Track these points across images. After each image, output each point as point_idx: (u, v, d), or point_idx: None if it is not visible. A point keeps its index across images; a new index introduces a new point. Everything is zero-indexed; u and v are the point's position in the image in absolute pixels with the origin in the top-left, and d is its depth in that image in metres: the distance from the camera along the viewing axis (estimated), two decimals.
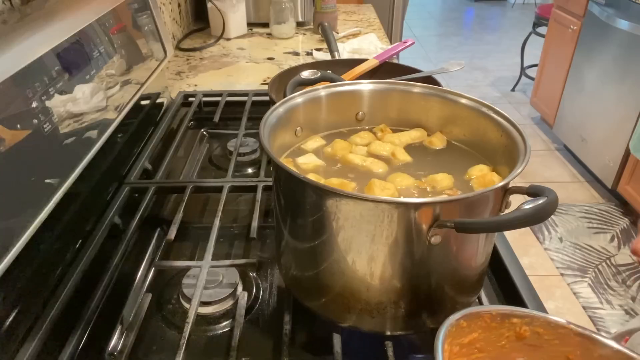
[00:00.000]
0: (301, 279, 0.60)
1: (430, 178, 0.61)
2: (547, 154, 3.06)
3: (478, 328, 0.46)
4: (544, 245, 2.32)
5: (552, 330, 0.46)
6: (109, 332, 0.61)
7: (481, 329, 0.46)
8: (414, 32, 5.26)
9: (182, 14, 1.72)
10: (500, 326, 0.47)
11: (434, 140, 0.69)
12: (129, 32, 0.91)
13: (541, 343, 0.47)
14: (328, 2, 1.65)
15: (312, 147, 0.68)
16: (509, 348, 0.47)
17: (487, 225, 0.48)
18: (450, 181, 0.60)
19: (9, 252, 0.52)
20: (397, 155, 0.65)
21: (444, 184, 0.60)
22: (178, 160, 0.98)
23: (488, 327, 0.46)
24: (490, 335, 0.47)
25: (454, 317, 0.45)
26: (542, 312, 0.47)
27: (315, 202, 0.51)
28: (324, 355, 0.59)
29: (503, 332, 0.47)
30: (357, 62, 1.03)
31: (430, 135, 0.70)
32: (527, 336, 0.47)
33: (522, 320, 0.46)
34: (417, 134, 0.70)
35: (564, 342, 0.46)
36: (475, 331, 0.46)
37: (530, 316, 0.47)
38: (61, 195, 0.62)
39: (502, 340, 0.47)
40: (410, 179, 0.61)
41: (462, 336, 0.46)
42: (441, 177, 0.60)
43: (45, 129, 0.60)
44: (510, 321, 0.46)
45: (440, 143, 0.69)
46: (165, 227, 0.80)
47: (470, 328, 0.46)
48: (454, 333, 0.45)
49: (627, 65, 2.40)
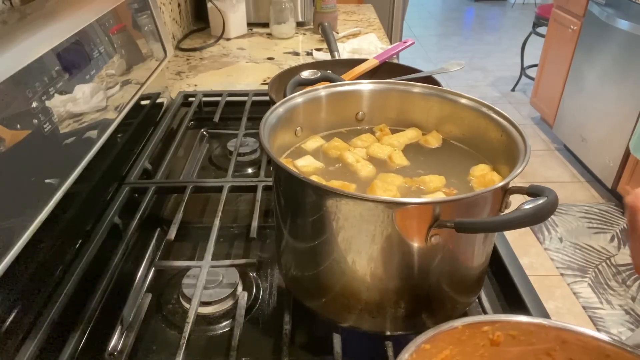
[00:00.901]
0: (301, 279, 0.60)
1: (420, 179, 0.61)
2: (547, 154, 3.06)
3: (448, 345, 0.45)
4: (544, 245, 2.32)
5: (525, 330, 0.46)
6: (109, 332, 0.61)
7: (452, 344, 0.45)
8: (414, 32, 5.26)
9: (182, 14, 1.72)
10: (473, 337, 0.46)
11: (429, 139, 0.69)
12: (129, 32, 0.91)
13: (518, 345, 0.46)
14: (328, 2, 1.65)
15: (312, 147, 0.68)
16: (488, 357, 0.47)
17: (487, 225, 0.48)
18: (441, 182, 0.60)
19: (9, 252, 0.52)
20: (394, 159, 0.65)
21: (434, 185, 0.60)
22: (178, 160, 0.98)
23: (459, 341, 0.45)
24: (465, 348, 0.46)
25: (413, 343, 0.43)
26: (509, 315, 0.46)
27: (315, 202, 0.51)
28: (324, 355, 0.59)
29: (477, 342, 0.46)
30: (357, 62, 1.03)
31: (425, 134, 0.70)
32: (502, 341, 0.46)
33: (492, 326, 0.46)
34: (414, 134, 0.70)
35: (540, 339, 0.46)
36: (446, 348, 0.45)
37: (500, 321, 0.46)
38: (61, 195, 0.62)
39: (480, 350, 0.46)
40: (400, 178, 0.61)
41: (432, 356, 0.44)
42: (430, 178, 0.60)
43: (45, 129, 0.60)
44: (481, 330, 0.45)
45: (436, 142, 0.69)
46: (165, 227, 0.80)
47: (437, 348, 0.44)
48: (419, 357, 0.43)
49: (627, 65, 2.40)
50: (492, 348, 0.46)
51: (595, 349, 0.44)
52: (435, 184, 0.60)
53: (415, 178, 0.61)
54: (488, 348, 0.46)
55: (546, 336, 0.45)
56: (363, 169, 0.63)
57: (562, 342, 0.45)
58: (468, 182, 0.62)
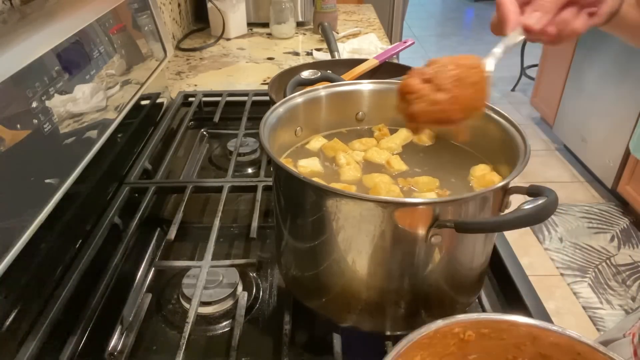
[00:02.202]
0: (301, 279, 0.60)
1: (414, 180, 0.60)
2: (547, 154, 3.06)
3: (418, 351, 0.45)
4: (544, 245, 2.32)
5: (496, 327, 0.46)
6: (109, 332, 0.61)
7: (422, 349, 0.45)
8: (414, 32, 5.26)
9: (182, 14, 1.72)
10: (443, 339, 0.46)
11: (422, 137, 0.69)
12: (129, 32, 0.91)
13: (489, 340, 0.46)
14: (328, 2, 1.65)
15: (316, 147, 0.68)
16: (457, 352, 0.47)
17: (487, 225, 0.48)
18: (434, 184, 0.60)
19: (9, 252, 0.52)
20: (392, 165, 0.64)
21: (427, 187, 0.59)
22: (178, 160, 0.98)
23: (429, 344, 0.45)
24: (436, 349, 0.46)
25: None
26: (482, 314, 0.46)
27: (315, 202, 0.51)
28: (324, 355, 0.59)
29: (448, 342, 0.46)
30: (357, 62, 1.03)
31: None
32: (472, 340, 0.46)
33: (464, 327, 0.46)
34: (407, 134, 0.70)
35: (511, 335, 0.46)
36: (416, 355, 0.45)
37: (471, 320, 0.46)
38: (61, 195, 0.62)
39: (450, 348, 0.46)
40: (387, 178, 0.60)
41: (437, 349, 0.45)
42: (423, 179, 0.60)
43: (45, 129, 0.60)
44: (452, 332, 0.46)
45: (429, 139, 0.69)
46: (165, 227, 0.80)
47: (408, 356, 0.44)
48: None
49: (627, 65, 2.40)
50: (463, 344, 0.46)
51: (567, 346, 0.44)
52: (429, 186, 0.59)
53: (409, 179, 0.61)
54: (459, 345, 0.47)
55: (517, 332, 0.46)
56: (346, 173, 0.62)
57: (534, 338, 0.45)
58: (468, 182, 0.62)
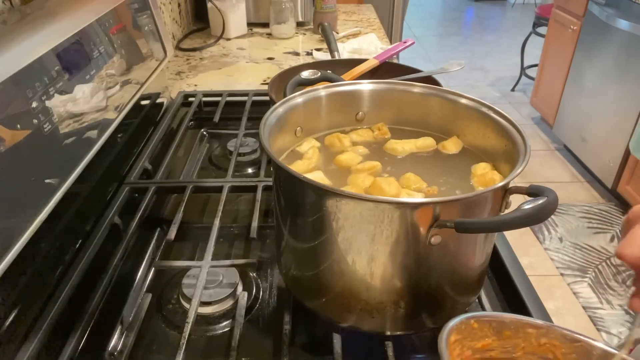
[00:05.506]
0: (301, 279, 0.60)
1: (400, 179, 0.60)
2: (547, 154, 3.06)
3: (490, 334, 0.45)
4: (544, 245, 2.32)
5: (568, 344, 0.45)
6: (109, 332, 0.61)
7: (494, 335, 0.45)
8: (414, 32, 5.26)
9: (182, 14, 1.72)
10: (515, 336, 0.45)
11: (447, 145, 0.67)
12: (129, 32, 0.91)
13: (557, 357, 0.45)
14: (328, 2, 1.65)
15: (306, 149, 0.66)
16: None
17: (487, 225, 0.48)
18: (420, 182, 0.59)
19: (9, 252, 0.52)
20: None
21: (414, 185, 0.59)
22: (178, 160, 0.98)
23: (501, 335, 0.45)
24: (505, 344, 0.45)
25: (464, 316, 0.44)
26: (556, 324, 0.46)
27: (315, 202, 0.51)
28: (324, 355, 0.59)
29: (518, 342, 0.46)
30: (357, 62, 1.03)
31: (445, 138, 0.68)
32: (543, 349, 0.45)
33: (537, 330, 0.45)
34: (425, 143, 0.68)
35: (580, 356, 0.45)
36: (488, 337, 0.45)
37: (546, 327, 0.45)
38: (61, 195, 0.62)
39: (518, 352, 0.46)
40: (371, 179, 0.60)
41: (474, 339, 0.45)
42: (409, 177, 0.60)
43: (45, 129, 0.60)
44: (525, 331, 0.45)
45: (456, 147, 0.67)
46: (165, 227, 0.80)
47: (482, 332, 0.44)
48: (464, 332, 0.44)
49: (627, 65, 2.40)
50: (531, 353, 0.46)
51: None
52: (417, 185, 0.59)
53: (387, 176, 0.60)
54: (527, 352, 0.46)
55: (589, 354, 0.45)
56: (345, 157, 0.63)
57: None
58: (469, 181, 0.62)
